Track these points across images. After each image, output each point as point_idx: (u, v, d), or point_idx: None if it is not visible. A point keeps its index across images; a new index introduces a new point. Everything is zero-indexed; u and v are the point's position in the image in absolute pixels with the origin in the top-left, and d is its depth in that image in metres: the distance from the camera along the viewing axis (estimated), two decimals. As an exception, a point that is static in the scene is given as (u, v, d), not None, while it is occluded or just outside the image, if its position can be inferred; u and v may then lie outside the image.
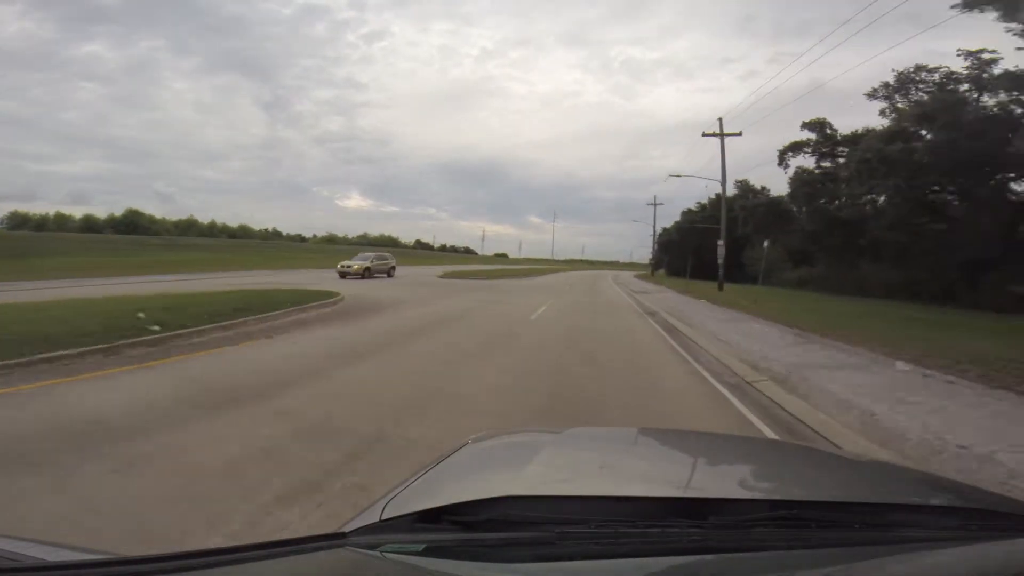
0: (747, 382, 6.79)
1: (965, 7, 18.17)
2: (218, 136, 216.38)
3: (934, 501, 1.12)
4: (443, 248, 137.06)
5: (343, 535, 0.86)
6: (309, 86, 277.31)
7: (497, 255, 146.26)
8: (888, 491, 1.21)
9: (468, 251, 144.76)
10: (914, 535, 0.94)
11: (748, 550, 0.86)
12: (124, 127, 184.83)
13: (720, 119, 26.17)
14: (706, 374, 7.31)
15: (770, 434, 4.70)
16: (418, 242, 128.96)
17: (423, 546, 0.82)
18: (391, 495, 1.02)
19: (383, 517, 0.91)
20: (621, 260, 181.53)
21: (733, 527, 0.90)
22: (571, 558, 0.83)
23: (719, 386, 6.59)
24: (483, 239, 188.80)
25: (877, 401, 5.56)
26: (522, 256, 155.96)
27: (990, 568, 0.90)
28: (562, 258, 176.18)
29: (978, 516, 1.01)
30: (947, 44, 44.58)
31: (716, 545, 0.86)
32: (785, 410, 5.52)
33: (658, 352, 9.17)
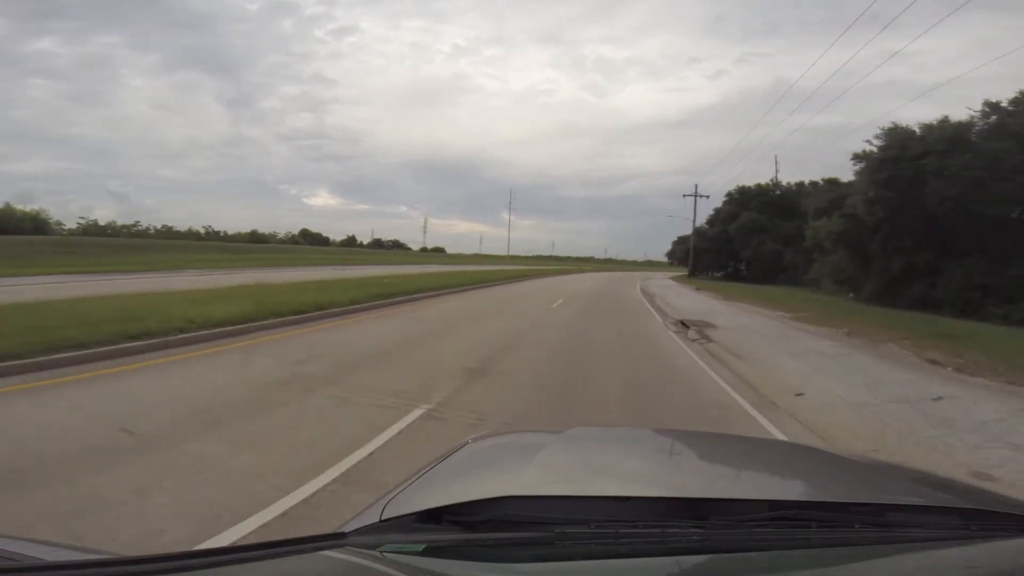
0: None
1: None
2: (178, 134, 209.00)
3: (934, 501, 1.12)
4: (348, 242, 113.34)
5: (343, 535, 0.86)
6: (275, 82, 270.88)
7: (422, 250, 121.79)
8: (888, 491, 1.21)
9: (398, 246, 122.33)
10: (914, 535, 0.94)
11: (748, 550, 0.86)
12: (78, 125, 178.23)
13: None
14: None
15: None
16: (305, 231, 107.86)
17: (423, 546, 0.82)
18: (391, 495, 1.02)
19: (383, 517, 0.91)
20: (597, 256, 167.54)
21: (733, 527, 0.90)
22: (571, 558, 0.83)
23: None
24: (424, 231, 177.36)
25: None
26: (482, 253, 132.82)
27: (990, 568, 0.90)
28: (529, 254, 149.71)
29: (978, 516, 1.01)
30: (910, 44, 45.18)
31: (716, 545, 0.86)
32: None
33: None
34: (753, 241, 45.42)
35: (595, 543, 0.84)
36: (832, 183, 41.56)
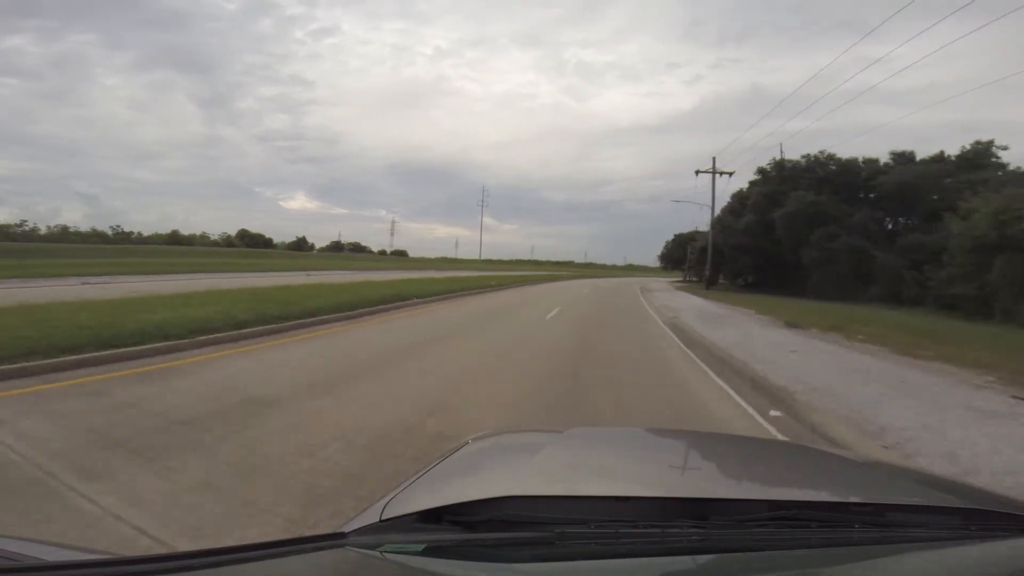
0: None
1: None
2: (151, 134, 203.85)
3: (934, 501, 1.12)
4: (296, 245, 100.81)
5: (343, 535, 0.86)
6: (252, 83, 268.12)
7: (380, 253, 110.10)
8: (888, 491, 1.21)
9: (359, 249, 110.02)
10: (914, 535, 0.94)
11: (748, 550, 0.86)
12: (48, 125, 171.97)
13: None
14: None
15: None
16: (244, 232, 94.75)
17: (423, 546, 0.82)
18: (391, 495, 1.02)
19: (383, 517, 0.91)
20: (577, 260, 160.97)
21: (733, 527, 0.90)
22: (571, 558, 0.83)
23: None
24: (392, 234, 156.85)
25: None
26: (457, 257, 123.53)
27: (990, 568, 0.90)
28: (508, 258, 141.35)
29: (978, 516, 1.01)
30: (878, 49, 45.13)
31: (716, 545, 0.86)
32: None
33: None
34: (815, 235, 30.90)
35: (595, 543, 0.84)
36: (903, 156, 32.93)
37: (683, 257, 64.87)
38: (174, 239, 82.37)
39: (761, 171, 38.64)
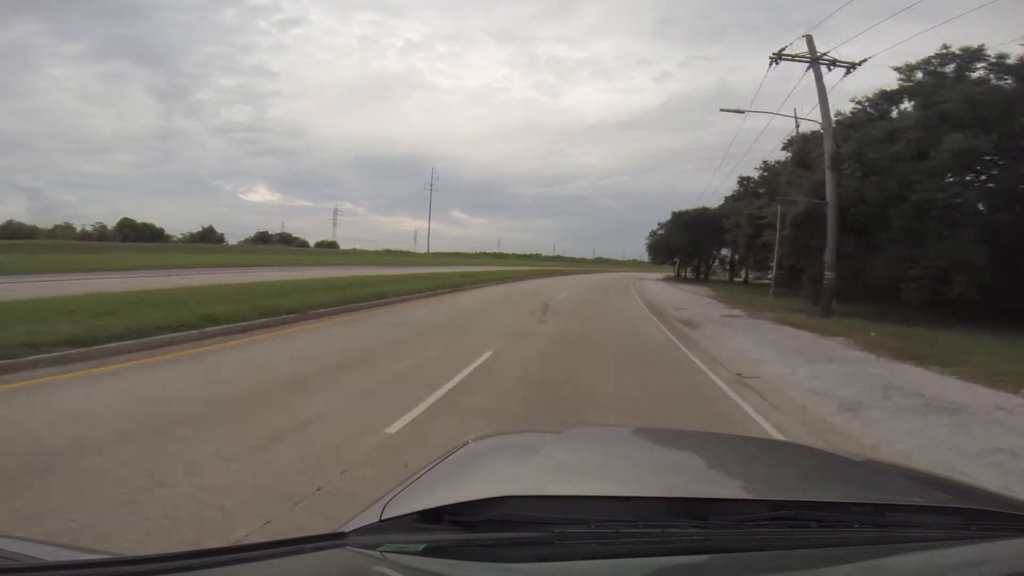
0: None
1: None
2: (103, 126, 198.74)
3: (934, 501, 1.12)
4: (203, 236, 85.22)
5: (343, 535, 0.85)
6: (212, 74, 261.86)
7: (300, 244, 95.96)
8: (888, 491, 1.21)
9: (286, 241, 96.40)
10: (914, 535, 0.94)
11: (748, 550, 0.86)
12: None
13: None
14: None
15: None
16: (128, 222, 79.24)
17: (423, 546, 0.82)
18: (391, 495, 1.01)
19: (383, 517, 0.90)
20: (545, 254, 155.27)
21: (733, 527, 0.89)
22: (571, 558, 0.83)
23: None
24: (335, 225, 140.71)
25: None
26: (417, 250, 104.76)
27: (990, 568, 0.91)
28: (474, 252, 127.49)
29: (978, 516, 1.01)
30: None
31: (716, 545, 0.86)
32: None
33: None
34: None
35: (595, 543, 0.84)
36: None
37: (683, 245, 49.36)
38: (7, 232, 64.71)
39: (943, 57, 18.12)
